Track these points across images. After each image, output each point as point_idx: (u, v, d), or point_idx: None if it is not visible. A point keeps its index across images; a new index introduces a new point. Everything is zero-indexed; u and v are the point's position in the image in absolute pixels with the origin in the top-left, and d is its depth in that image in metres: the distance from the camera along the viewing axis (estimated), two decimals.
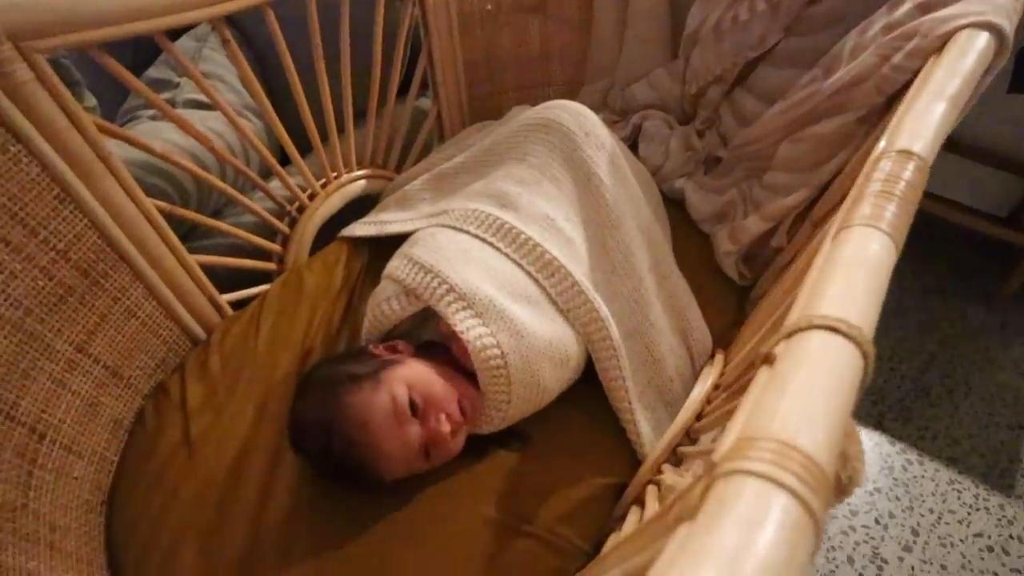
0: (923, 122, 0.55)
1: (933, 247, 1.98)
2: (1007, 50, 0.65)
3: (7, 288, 0.66)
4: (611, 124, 0.99)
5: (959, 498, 1.38)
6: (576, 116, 0.91)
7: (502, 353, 0.73)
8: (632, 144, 1.19)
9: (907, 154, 0.51)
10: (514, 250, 0.82)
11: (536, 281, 0.81)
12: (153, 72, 1.21)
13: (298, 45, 0.92)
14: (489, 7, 1.16)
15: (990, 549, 1.29)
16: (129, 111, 1.15)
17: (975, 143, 1.85)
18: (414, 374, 0.73)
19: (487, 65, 1.23)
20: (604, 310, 0.81)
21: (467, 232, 0.84)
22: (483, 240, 0.83)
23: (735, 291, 1.00)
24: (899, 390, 1.59)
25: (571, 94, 1.28)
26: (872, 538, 1.30)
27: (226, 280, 0.98)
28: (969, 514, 1.35)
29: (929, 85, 0.59)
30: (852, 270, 0.42)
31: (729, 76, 1.05)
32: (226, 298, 0.94)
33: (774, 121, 0.92)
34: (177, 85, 1.15)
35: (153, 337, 0.84)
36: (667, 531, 0.34)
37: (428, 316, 0.84)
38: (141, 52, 1.28)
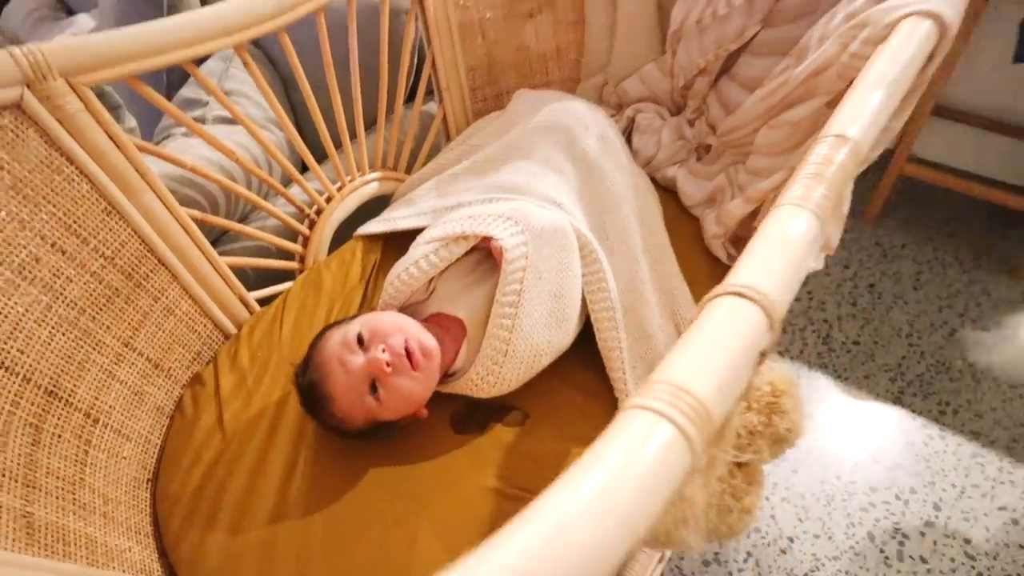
0: (860, 108, 0.58)
1: (953, 221, 1.96)
2: (949, 38, 0.68)
3: (64, 291, 0.76)
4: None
5: (983, 471, 1.37)
6: (575, 113, 0.98)
7: (526, 252, 0.80)
8: (627, 136, 1.25)
9: (842, 138, 0.55)
10: None
11: None
12: (185, 91, 1.31)
13: (314, 63, 1.00)
14: (488, 15, 1.22)
15: (1015, 522, 1.28)
16: (165, 129, 1.25)
17: (990, 114, 1.84)
18: (373, 316, 0.81)
19: (488, 69, 1.29)
20: (612, 281, 0.87)
21: None
22: None
23: (723, 271, 1.04)
24: (919, 365, 1.57)
25: (569, 91, 1.33)
26: (893, 514, 1.29)
27: (253, 279, 1.07)
28: (993, 487, 1.34)
29: (870, 73, 0.62)
30: (774, 245, 0.47)
31: (713, 68, 1.10)
32: (254, 295, 1.02)
33: (754, 108, 0.97)
34: (207, 103, 1.25)
35: (189, 332, 0.93)
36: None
37: (428, 296, 0.90)
38: (175, 72, 1.38)
